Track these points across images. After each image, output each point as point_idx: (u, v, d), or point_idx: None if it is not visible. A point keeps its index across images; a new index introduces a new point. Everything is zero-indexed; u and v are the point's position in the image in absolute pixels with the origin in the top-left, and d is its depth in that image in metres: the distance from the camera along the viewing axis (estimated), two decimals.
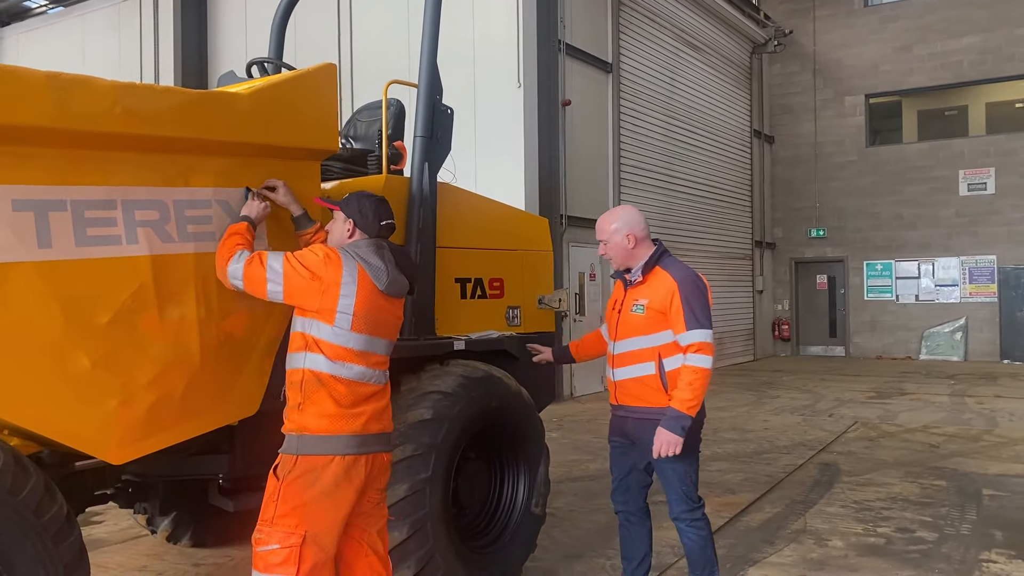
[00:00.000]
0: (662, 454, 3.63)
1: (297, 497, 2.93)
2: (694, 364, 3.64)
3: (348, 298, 3.03)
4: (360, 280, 3.05)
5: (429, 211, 4.59)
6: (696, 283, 3.77)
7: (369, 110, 5.33)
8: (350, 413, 3.01)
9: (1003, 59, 18.43)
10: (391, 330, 3.24)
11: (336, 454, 2.98)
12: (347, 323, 3.03)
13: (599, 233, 3.98)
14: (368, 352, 3.10)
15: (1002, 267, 18.26)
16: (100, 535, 5.60)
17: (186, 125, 2.95)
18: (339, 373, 3.02)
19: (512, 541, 4.45)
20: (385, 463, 3.21)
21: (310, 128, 3.36)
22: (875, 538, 5.45)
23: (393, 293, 3.17)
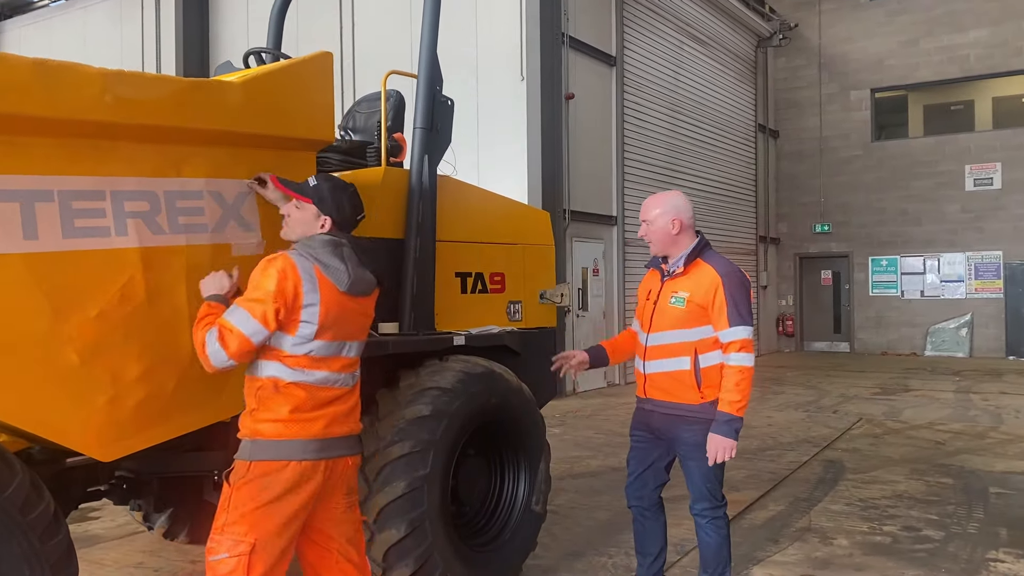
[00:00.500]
0: (718, 460, 3.55)
1: (248, 503, 2.77)
2: (739, 363, 3.55)
3: (311, 307, 2.85)
4: (321, 285, 2.87)
5: (429, 204, 4.52)
6: (741, 278, 3.67)
7: (368, 101, 5.26)
8: (308, 417, 2.86)
9: (1011, 53, 18.29)
10: (359, 331, 3.08)
11: (291, 459, 2.81)
12: (310, 332, 2.86)
13: (644, 213, 3.86)
14: (333, 357, 2.94)
15: (1008, 263, 18.15)
16: (96, 531, 5.55)
17: (177, 114, 2.88)
18: (300, 379, 2.86)
19: (512, 539, 4.38)
20: (351, 467, 3.05)
21: (305, 118, 3.28)
22: (881, 536, 5.38)
23: (357, 293, 2.99)
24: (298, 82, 3.26)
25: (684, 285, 3.72)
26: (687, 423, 3.68)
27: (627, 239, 14.15)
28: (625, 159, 14.13)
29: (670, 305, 3.73)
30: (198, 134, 2.96)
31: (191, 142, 2.94)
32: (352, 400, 3.04)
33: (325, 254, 2.91)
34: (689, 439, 3.68)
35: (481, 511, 4.38)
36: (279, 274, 2.79)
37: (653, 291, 3.87)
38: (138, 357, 2.83)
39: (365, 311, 3.08)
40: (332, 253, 2.93)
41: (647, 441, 3.92)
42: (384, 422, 3.89)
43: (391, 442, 3.81)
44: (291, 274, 2.81)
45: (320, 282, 2.86)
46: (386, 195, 4.46)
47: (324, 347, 2.89)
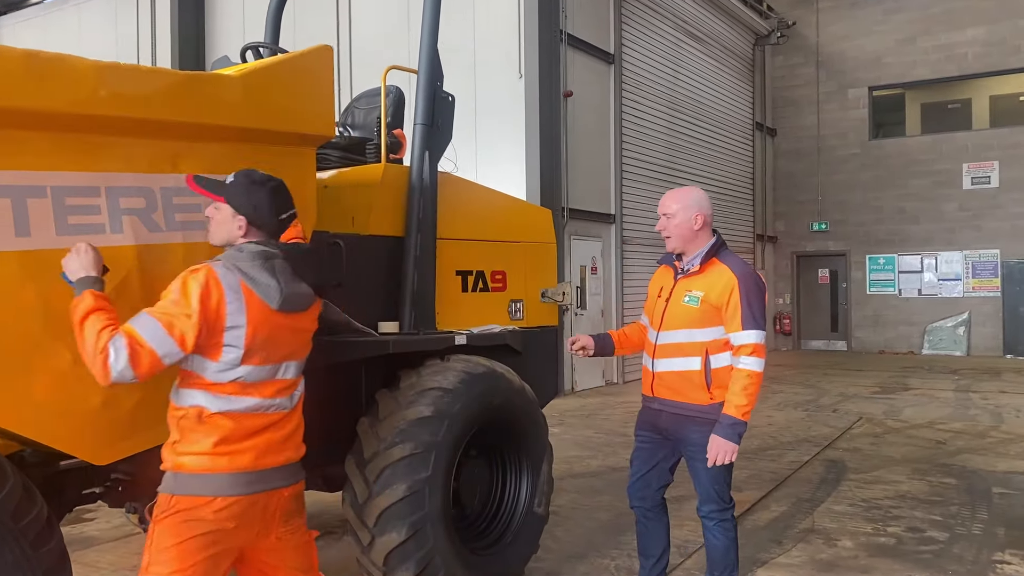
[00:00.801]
0: (718, 463, 3.49)
1: (171, 541, 2.48)
2: (748, 367, 3.48)
3: (236, 330, 2.51)
4: (248, 304, 2.53)
5: (430, 201, 4.45)
6: (756, 281, 3.61)
7: (367, 97, 5.19)
8: (236, 449, 2.55)
9: (1008, 51, 18.26)
10: (297, 349, 2.74)
11: (217, 495, 2.50)
12: (235, 357, 2.53)
13: (665, 206, 3.74)
14: (265, 382, 2.62)
15: (1005, 261, 18.13)
16: (92, 533, 5.47)
17: (174, 108, 2.80)
18: (227, 408, 2.55)
19: (514, 542, 4.31)
20: (287, 497, 2.70)
21: (304, 113, 3.21)
22: (885, 538, 5.32)
23: (292, 309, 2.65)
24: (297, 76, 3.18)
25: (699, 284, 3.64)
26: (696, 423, 3.62)
27: (625, 237, 14.09)
28: (623, 157, 14.06)
29: (683, 304, 3.65)
30: (195, 129, 2.88)
31: (188, 137, 2.86)
32: (291, 425, 2.72)
33: (254, 268, 2.58)
34: (697, 440, 3.61)
35: (483, 513, 4.32)
36: (202, 290, 2.46)
37: (665, 288, 3.79)
38: None
39: (302, 327, 2.75)
40: (261, 267, 2.59)
41: (653, 441, 3.85)
42: (384, 423, 3.82)
43: (392, 444, 3.74)
44: (215, 290, 2.48)
45: (247, 300, 2.54)
46: (386, 192, 4.39)
47: (254, 372, 2.58)
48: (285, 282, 2.61)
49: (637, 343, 4.03)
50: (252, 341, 2.54)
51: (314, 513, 5.75)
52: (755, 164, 19.66)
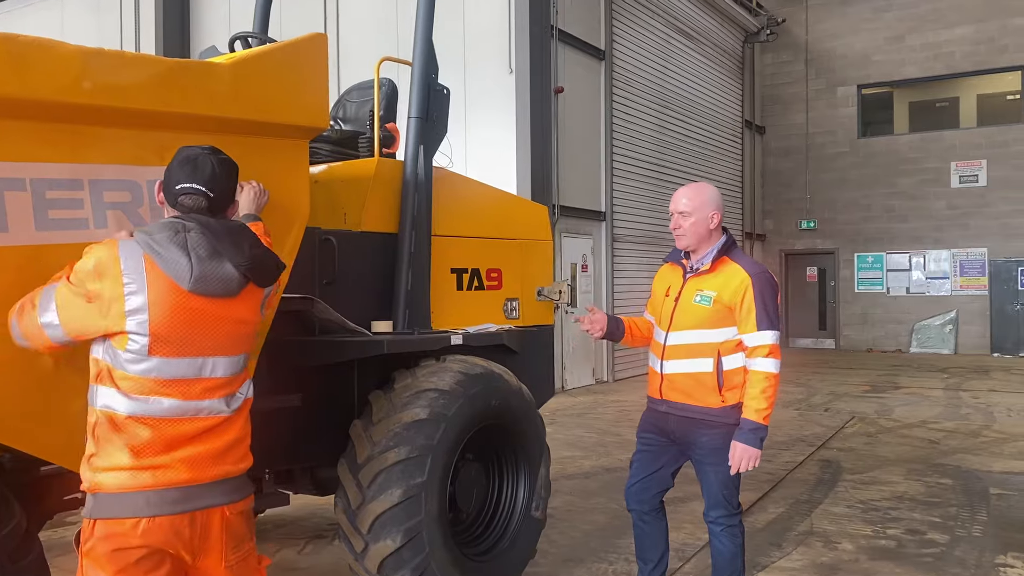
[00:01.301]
0: (741, 470, 3.39)
1: (100, 572, 2.21)
2: (766, 369, 3.38)
3: (138, 313, 2.20)
4: (151, 282, 2.22)
5: (424, 197, 4.33)
6: (770, 280, 3.50)
7: (359, 90, 5.06)
8: (159, 462, 2.23)
9: (996, 50, 18.30)
10: (226, 343, 2.36)
11: (140, 515, 2.20)
12: (142, 347, 2.21)
13: (682, 203, 3.58)
14: (184, 379, 2.27)
15: (993, 260, 18.17)
16: (72, 539, 5.30)
17: (161, 97, 2.66)
18: (141, 411, 2.23)
19: (511, 547, 4.20)
20: (231, 517, 2.38)
21: (298, 103, 3.06)
22: (885, 540, 5.25)
23: (211, 293, 2.29)
24: (291, 65, 3.04)
25: (711, 284, 3.52)
26: (706, 427, 3.51)
27: (616, 235, 13.99)
28: (614, 154, 13.96)
29: (694, 303, 3.53)
30: (183, 119, 2.74)
31: (176, 128, 2.72)
32: (230, 433, 2.38)
33: (162, 240, 2.25)
34: (707, 443, 3.51)
35: (479, 518, 4.20)
36: (95, 265, 2.21)
37: (674, 287, 3.67)
38: None
39: (232, 316, 2.37)
40: (170, 240, 2.25)
41: (657, 445, 3.74)
42: (379, 426, 3.70)
43: (386, 447, 3.62)
44: (109, 267, 2.21)
45: (150, 278, 2.22)
46: (380, 187, 4.27)
47: (166, 366, 2.24)
48: (198, 259, 2.26)
49: (641, 338, 3.90)
50: (158, 327, 2.21)
51: (303, 516, 5.63)
52: (744, 162, 19.62)
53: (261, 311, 2.53)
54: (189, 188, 2.36)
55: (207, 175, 2.39)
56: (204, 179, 2.38)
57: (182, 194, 2.37)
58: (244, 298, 2.40)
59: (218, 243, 2.31)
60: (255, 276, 2.40)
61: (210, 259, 2.27)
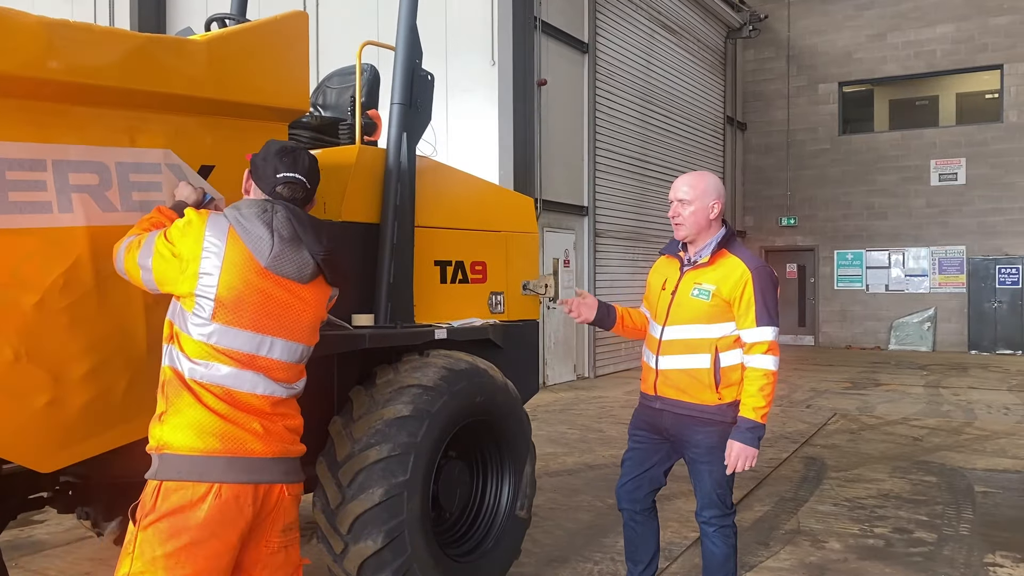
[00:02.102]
0: (738, 469, 3.28)
1: (158, 548, 2.19)
2: (764, 367, 3.27)
3: (209, 275, 2.30)
4: (229, 250, 2.32)
5: (407, 186, 4.19)
6: (771, 274, 3.38)
7: (340, 76, 4.90)
8: (227, 430, 2.28)
9: (976, 49, 18.38)
10: (289, 326, 2.43)
11: (210, 480, 2.24)
12: (207, 310, 2.30)
13: (683, 191, 3.45)
14: (245, 353, 2.34)
15: (971, 258, 18.27)
16: (41, 536, 5.13)
17: (132, 74, 2.51)
18: (204, 376, 2.30)
19: (495, 547, 4.07)
20: (287, 498, 2.43)
21: (277, 84, 2.92)
22: (873, 539, 5.18)
23: (284, 274, 2.38)
24: (270, 45, 2.90)
25: (709, 277, 3.40)
26: (702, 425, 3.40)
27: (598, 230, 13.89)
28: (597, 148, 13.86)
29: (692, 298, 3.42)
30: (156, 98, 2.59)
31: (148, 107, 2.57)
32: (288, 418, 2.46)
33: (249, 216, 2.37)
34: (702, 441, 3.40)
35: (463, 518, 4.07)
36: (186, 224, 2.36)
37: (670, 280, 3.55)
38: (84, 353, 2.46)
39: (303, 302, 2.46)
40: (257, 216, 2.36)
41: (649, 442, 3.62)
42: (359, 423, 3.56)
43: (367, 445, 3.48)
44: (195, 230, 2.33)
45: (229, 246, 2.32)
46: (361, 176, 4.12)
47: (228, 335, 2.31)
48: (280, 239, 2.37)
49: (633, 329, 3.78)
50: (225, 294, 2.30)
51: None
52: (725, 158, 19.60)
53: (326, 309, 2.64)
54: (291, 177, 2.49)
55: (306, 167, 2.54)
56: (304, 170, 2.53)
57: (282, 183, 2.49)
58: (312, 289, 2.49)
59: (301, 229, 2.43)
60: (328, 269, 2.51)
61: (291, 241, 2.39)
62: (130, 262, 2.39)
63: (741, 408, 3.28)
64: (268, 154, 2.50)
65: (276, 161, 2.48)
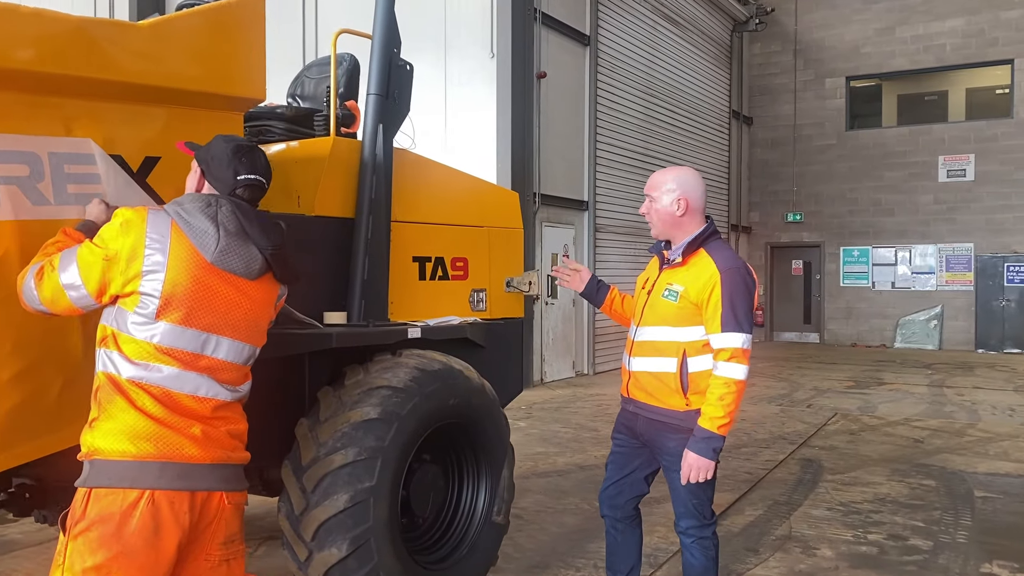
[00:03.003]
0: (691, 480, 3.12)
1: (88, 558, 2.06)
2: (727, 375, 3.09)
3: (154, 274, 2.18)
4: (174, 246, 2.21)
5: (383, 180, 4.06)
6: (744, 277, 3.18)
7: (319, 66, 4.77)
8: (162, 434, 2.16)
9: (986, 43, 18.10)
10: (239, 326, 2.33)
11: (141, 487, 2.12)
12: (151, 308, 2.18)
13: (649, 187, 3.35)
14: (190, 352, 2.23)
15: (979, 255, 18.03)
16: (13, 536, 5.02)
17: (67, 59, 2.37)
18: (144, 377, 2.18)
19: (470, 554, 3.94)
20: (227, 507, 2.31)
21: (230, 71, 2.78)
22: (867, 546, 5.02)
23: (231, 269, 2.29)
24: (221, 29, 2.75)
25: (680, 278, 3.24)
26: (672, 431, 3.25)
27: (598, 225, 13.73)
28: (598, 142, 13.68)
29: (662, 298, 3.26)
30: (94, 85, 2.45)
31: (86, 95, 2.43)
32: (231, 422, 2.35)
33: (193, 211, 2.26)
34: (673, 449, 3.25)
35: (436, 524, 3.93)
36: (122, 226, 2.21)
37: (650, 280, 3.41)
38: (12, 355, 2.33)
39: (250, 300, 2.36)
40: (201, 211, 2.27)
41: (629, 447, 3.49)
42: (325, 425, 3.42)
43: (333, 449, 3.35)
44: (135, 227, 2.20)
45: (174, 242, 2.22)
46: (335, 168, 3.99)
47: (173, 333, 2.21)
48: (226, 233, 2.27)
49: (620, 316, 3.69)
50: (171, 291, 2.20)
51: (260, 514, 5.35)
52: (730, 153, 19.39)
53: (275, 308, 2.50)
54: (253, 179, 2.41)
55: (263, 166, 2.45)
56: (262, 170, 2.45)
57: (243, 185, 2.39)
58: (260, 286, 2.39)
59: (248, 223, 2.33)
60: (276, 265, 2.40)
61: (237, 235, 2.29)
62: (48, 288, 2.23)
63: (700, 417, 3.12)
64: (223, 154, 2.38)
65: (235, 162, 2.37)
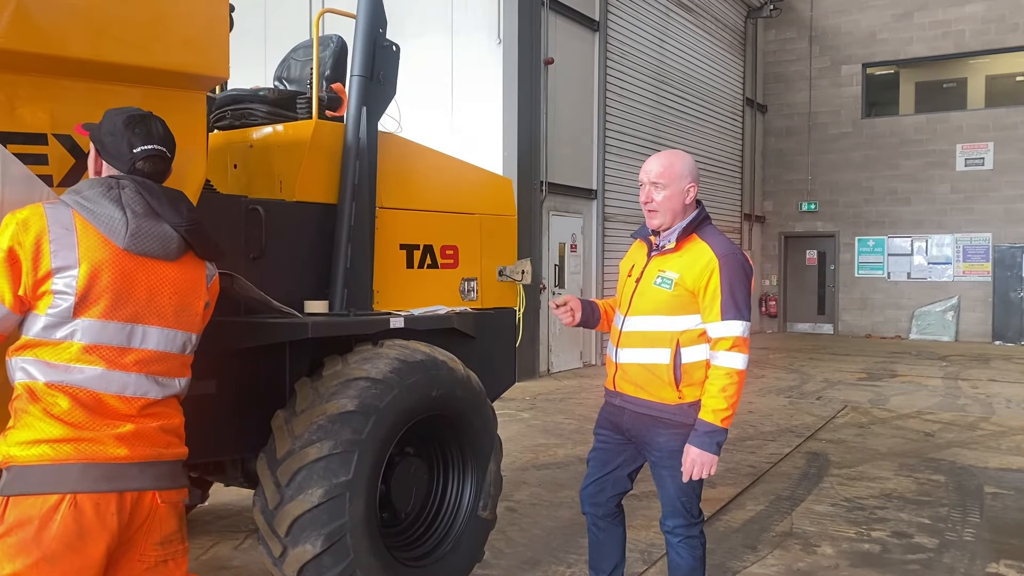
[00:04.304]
0: (694, 477, 2.99)
1: (7, 563, 1.96)
2: (727, 365, 2.96)
3: (66, 271, 2.03)
4: (82, 238, 2.06)
5: (367, 164, 3.94)
6: (742, 263, 3.06)
7: (305, 48, 4.63)
8: (85, 436, 2.03)
9: (1007, 29, 17.73)
10: (165, 312, 2.19)
11: (60, 491, 2.00)
12: (67, 308, 2.03)
13: (656, 173, 3.13)
14: (115, 347, 2.09)
15: (997, 245, 17.70)
16: None
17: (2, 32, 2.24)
18: (62, 380, 2.04)
19: (454, 550, 3.83)
20: (161, 507, 2.17)
21: (191, 47, 2.64)
22: (869, 544, 4.87)
23: (148, 251, 2.14)
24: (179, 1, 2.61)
25: (674, 264, 3.09)
26: (662, 426, 3.11)
27: (607, 214, 13.56)
28: (607, 130, 13.49)
29: (654, 286, 3.11)
30: (36, 61, 2.32)
31: (26, 70, 2.30)
32: (164, 417, 2.20)
33: (93, 197, 2.11)
34: (664, 444, 3.11)
35: (419, 519, 3.82)
36: (16, 227, 2.03)
37: (637, 266, 3.24)
38: None
39: (173, 283, 2.21)
40: (103, 195, 2.11)
41: (612, 442, 3.35)
42: (301, 417, 3.32)
43: (308, 442, 3.25)
44: (33, 225, 2.04)
45: (80, 234, 2.06)
46: (317, 153, 3.88)
47: (94, 329, 2.07)
48: (134, 215, 2.12)
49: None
50: (90, 285, 2.05)
51: (248, 507, 5.25)
52: (744, 141, 19.12)
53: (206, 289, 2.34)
54: (150, 150, 2.23)
55: (162, 135, 2.27)
56: (161, 138, 2.26)
57: (141, 158, 2.22)
58: (183, 268, 2.25)
59: (156, 202, 2.19)
60: (195, 241, 2.25)
61: (147, 216, 2.15)
62: None
63: (701, 410, 2.99)
64: (115, 128, 2.21)
65: (129, 134, 2.20)
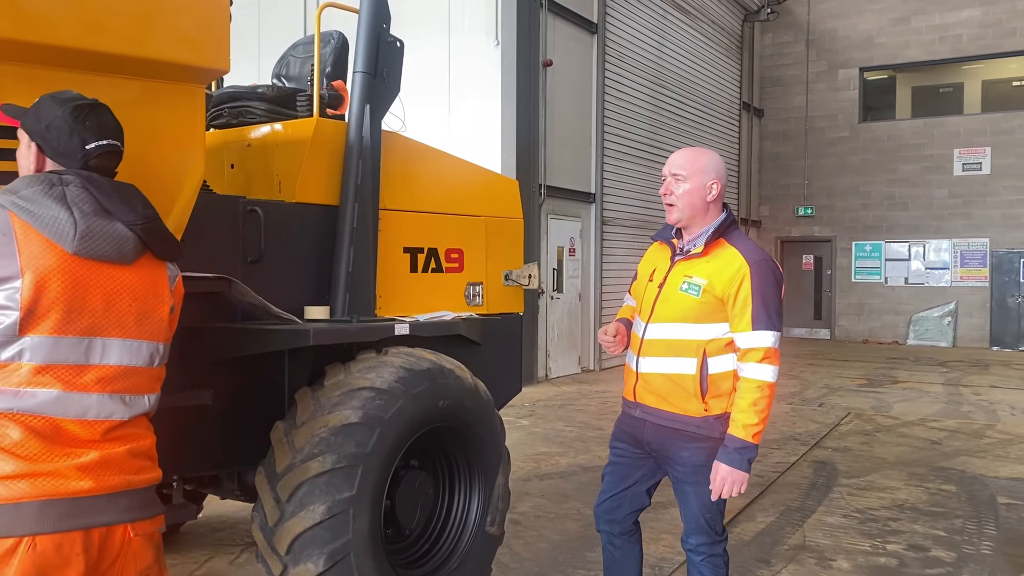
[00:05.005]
0: (724, 495, 2.84)
1: None
2: (759, 377, 2.80)
3: (8, 282, 1.80)
4: (24, 245, 1.82)
5: (370, 164, 3.79)
6: (774, 270, 2.90)
7: (305, 45, 4.48)
8: (39, 469, 1.81)
9: (1004, 34, 17.68)
10: (126, 321, 1.97)
11: (17, 534, 1.79)
12: (11, 324, 1.80)
13: (677, 165, 3.02)
14: (72, 364, 1.87)
15: (995, 251, 17.64)
16: None
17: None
18: (15, 407, 1.81)
19: (461, 567, 3.67)
20: (135, 540, 1.95)
21: (189, 38, 2.48)
22: (886, 558, 4.73)
23: (100, 255, 1.91)
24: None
25: (702, 270, 2.93)
26: (687, 440, 2.95)
27: (606, 217, 13.42)
28: (605, 133, 13.36)
29: (680, 292, 2.94)
30: (24, 49, 2.17)
31: (15, 59, 2.15)
32: (133, 439, 1.98)
33: (34, 197, 1.87)
34: (688, 459, 2.95)
35: (425, 535, 3.66)
36: None
37: (660, 271, 3.07)
38: None
39: (132, 289, 1.98)
40: (44, 193, 1.88)
41: (631, 457, 3.18)
42: (302, 430, 3.16)
43: (309, 455, 3.08)
44: None
45: (21, 240, 1.82)
46: (318, 152, 3.72)
47: (46, 346, 1.85)
48: (82, 215, 1.89)
49: None
50: (36, 297, 1.82)
51: (243, 519, 5.09)
52: (740, 145, 19.03)
53: (170, 292, 2.08)
54: (106, 145, 2.00)
55: (114, 127, 2.05)
56: (112, 130, 2.04)
57: (96, 154, 1.99)
58: (143, 270, 2.02)
59: (105, 199, 1.95)
60: (152, 241, 2.02)
61: (96, 215, 1.92)
62: None
63: (730, 425, 2.83)
64: (62, 122, 1.96)
65: (79, 128, 1.97)
